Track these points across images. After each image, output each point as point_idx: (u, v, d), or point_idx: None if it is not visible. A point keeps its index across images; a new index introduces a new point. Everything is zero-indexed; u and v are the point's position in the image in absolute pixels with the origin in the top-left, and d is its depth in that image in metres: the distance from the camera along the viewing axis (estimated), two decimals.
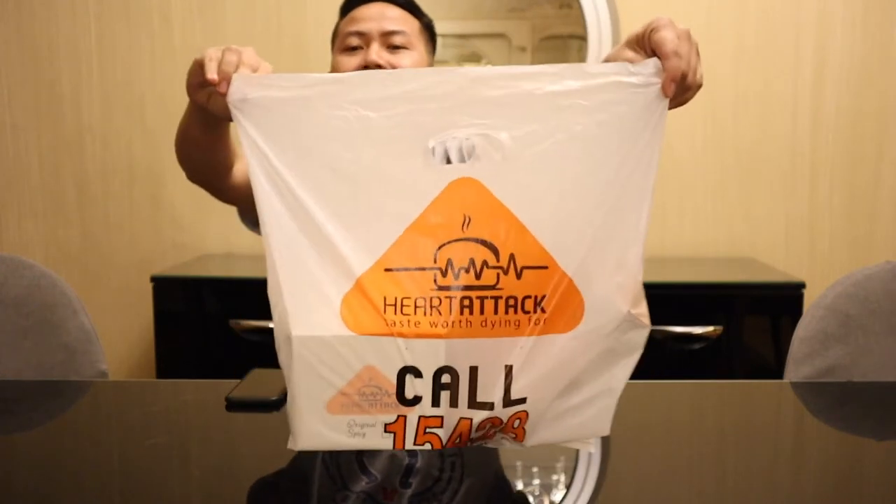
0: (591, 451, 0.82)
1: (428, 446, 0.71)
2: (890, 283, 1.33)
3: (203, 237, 2.35)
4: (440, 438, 0.71)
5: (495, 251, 0.68)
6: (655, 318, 1.63)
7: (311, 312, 0.68)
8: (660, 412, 1.06)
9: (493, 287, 0.68)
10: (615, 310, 0.71)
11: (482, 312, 0.68)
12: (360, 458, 0.84)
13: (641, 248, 0.72)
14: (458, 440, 0.71)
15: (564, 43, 2.37)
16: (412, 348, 0.68)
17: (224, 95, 0.74)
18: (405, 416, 0.70)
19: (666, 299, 1.94)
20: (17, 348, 1.26)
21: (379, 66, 1.21)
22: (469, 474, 0.83)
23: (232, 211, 2.41)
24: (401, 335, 0.68)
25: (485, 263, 0.68)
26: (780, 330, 1.98)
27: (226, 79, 0.76)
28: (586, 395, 0.74)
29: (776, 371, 1.89)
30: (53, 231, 2.34)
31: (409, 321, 0.68)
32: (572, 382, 0.73)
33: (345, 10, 1.31)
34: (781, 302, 1.97)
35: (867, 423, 1.01)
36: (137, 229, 2.34)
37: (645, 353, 1.06)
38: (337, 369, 0.69)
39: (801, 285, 1.95)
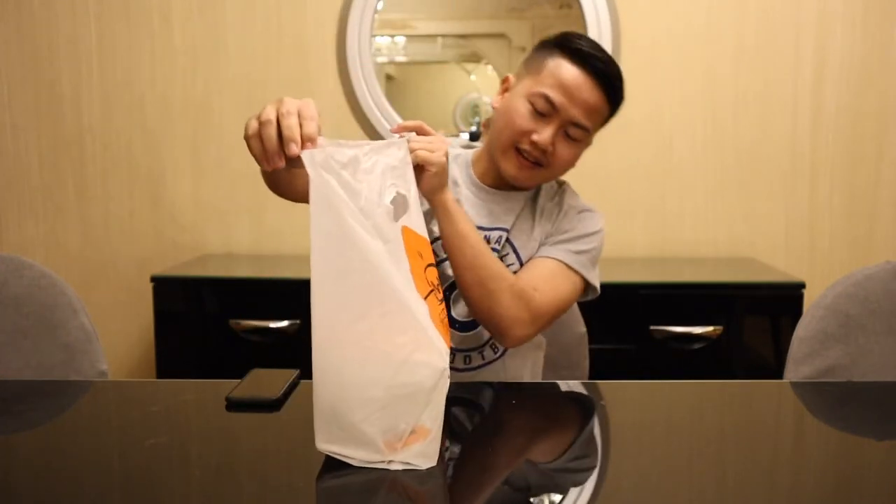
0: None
1: None
2: (890, 283, 1.33)
3: (203, 237, 2.35)
4: None
5: (436, 267, 0.95)
6: (655, 318, 1.67)
7: (439, 343, 0.81)
8: (660, 412, 1.06)
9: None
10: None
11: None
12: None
13: None
14: None
15: None
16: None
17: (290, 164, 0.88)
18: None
19: (666, 299, 1.94)
20: (17, 348, 1.26)
21: (543, 150, 1.19)
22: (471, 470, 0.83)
23: (232, 211, 2.40)
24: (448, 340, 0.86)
25: (437, 277, 0.93)
26: (780, 330, 1.98)
27: (288, 155, 0.87)
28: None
29: (776, 371, 1.89)
30: (53, 231, 2.34)
31: (445, 327, 0.88)
32: None
33: (561, 49, 1.21)
34: (781, 302, 1.97)
35: (867, 423, 1.01)
36: (137, 229, 2.34)
37: (645, 353, 1.05)
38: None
39: (801, 285, 1.95)
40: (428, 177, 1.06)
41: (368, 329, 0.80)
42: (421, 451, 0.81)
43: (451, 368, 1.09)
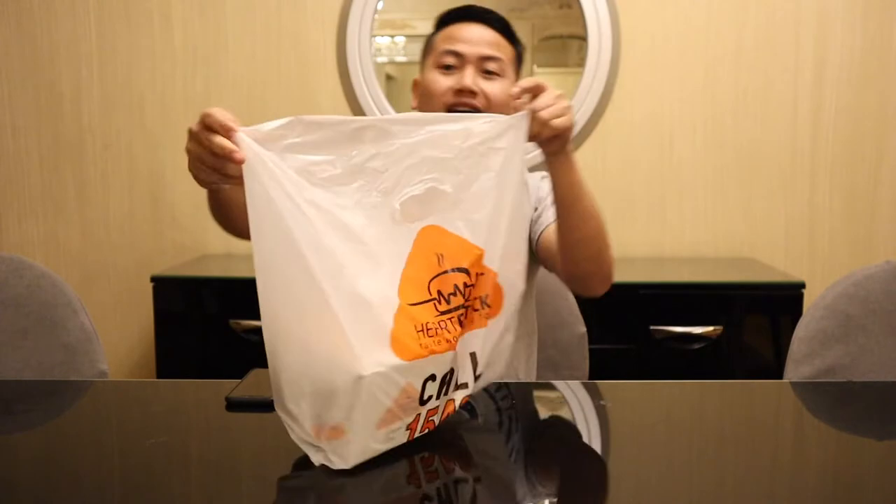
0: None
1: (427, 431, 0.87)
2: (890, 283, 1.33)
3: (203, 237, 2.35)
4: (435, 422, 0.88)
5: (468, 272, 0.87)
6: (655, 318, 1.67)
7: (370, 350, 0.78)
8: (660, 412, 1.06)
9: (472, 299, 0.89)
10: (518, 289, 0.95)
11: (469, 318, 0.89)
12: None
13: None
14: (446, 418, 0.89)
15: (564, 43, 2.37)
16: (436, 361, 0.83)
17: (241, 163, 0.77)
18: (420, 413, 0.84)
19: (666, 299, 1.94)
20: (17, 348, 1.26)
21: (472, 93, 1.22)
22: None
23: None
24: (431, 353, 0.82)
25: (465, 284, 0.87)
26: (780, 330, 1.98)
27: (230, 151, 0.77)
28: (501, 353, 0.97)
29: (776, 371, 1.89)
30: (53, 231, 2.34)
31: (433, 342, 0.83)
32: (496, 345, 0.95)
33: (441, 24, 1.31)
34: (781, 302, 1.97)
35: (867, 423, 1.01)
36: (137, 229, 2.34)
37: (645, 353, 1.05)
38: (389, 392, 0.79)
39: (801, 285, 1.95)
40: (562, 141, 1.03)
41: (296, 319, 0.77)
42: (336, 449, 0.79)
43: None
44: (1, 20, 2.27)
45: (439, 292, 0.85)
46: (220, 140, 0.78)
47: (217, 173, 0.82)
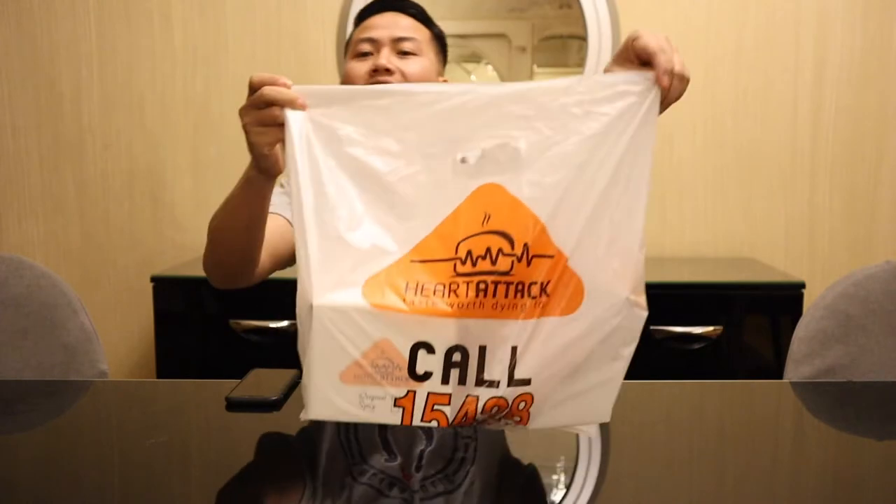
0: (590, 436, 0.85)
1: (434, 423, 0.75)
2: (890, 283, 1.33)
3: (203, 237, 2.34)
4: (447, 416, 0.75)
5: (511, 241, 0.75)
6: (655, 318, 1.65)
7: (335, 287, 0.74)
8: (660, 412, 1.06)
9: (507, 273, 0.74)
10: (614, 295, 0.76)
11: (494, 296, 0.75)
12: (384, 435, 0.89)
13: (639, 239, 0.77)
14: (464, 419, 0.76)
15: (564, 43, 2.37)
16: (426, 324, 0.74)
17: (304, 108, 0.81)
18: (415, 392, 0.75)
19: (666, 299, 1.94)
20: (17, 348, 1.26)
21: (388, 70, 1.21)
22: (480, 458, 0.83)
23: None
24: (417, 312, 0.74)
25: (500, 251, 0.75)
26: (779, 330, 1.98)
27: (293, 98, 0.81)
28: (589, 381, 0.78)
29: (776, 371, 1.89)
30: (53, 231, 2.34)
31: (426, 302, 0.74)
32: (576, 368, 0.77)
33: (358, 21, 1.33)
34: (781, 302, 1.97)
35: (867, 423, 1.01)
36: (137, 229, 2.34)
37: (645, 353, 1.06)
38: (353, 340, 0.74)
39: (801, 285, 1.95)
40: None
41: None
42: (305, 394, 0.77)
43: None
44: (1, 20, 2.27)
45: (469, 252, 0.76)
46: (279, 90, 0.82)
47: (279, 127, 0.83)
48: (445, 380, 0.75)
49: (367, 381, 0.75)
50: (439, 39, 1.35)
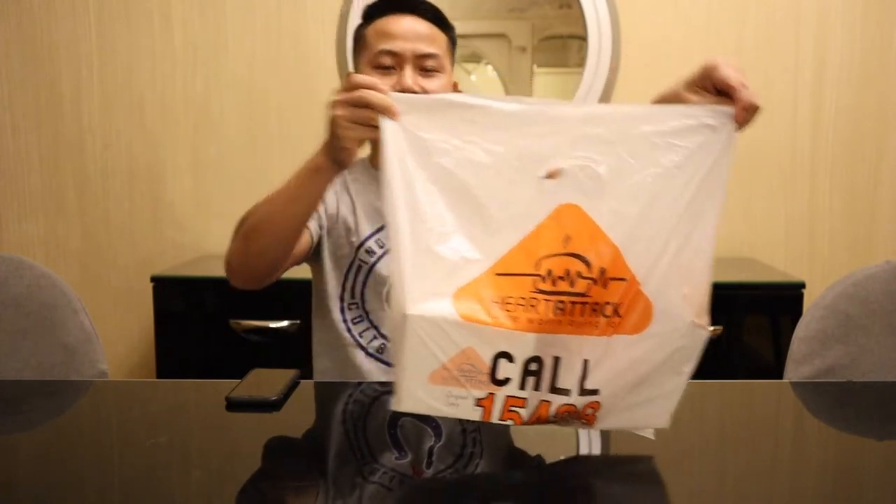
0: (651, 437, 0.88)
1: (510, 422, 0.83)
2: (890, 283, 1.33)
3: (203, 237, 2.35)
4: (521, 416, 0.83)
5: (588, 265, 0.81)
6: None
7: (427, 297, 0.79)
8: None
9: (583, 294, 0.80)
10: (680, 319, 0.82)
11: (571, 314, 0.80)
12: (394, 433, 0.91)
13: (707, 266, 0.82)
14: (536, 420, 0.83)
15: (564, 43, 2.37)
16: (507, 337, 0.80)
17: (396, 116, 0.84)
18: (494, 394, 0.81)
19: None
20: (17, 348, 1.26)
21: (414, 93, 1.19)
22: (487, 452, 0.83)
23: (232, 211, 2.40)
24: (500, 326, 0.80)
25: (578, 274, 0.80)
26: (780, 330, 1.98)
27: (390, 106, 0.84)
28: (652, 393, 0.84)
29: (776, 371, 1.89)
30: (53, 231, 2.34)
31: (508, 316, 0.80)
32: (641, 381, 0.83)
33: (370, 15, 1.28)
34: (781, 302, 1.97)
35: (867, 423, 1.01)
36: (137, 229, 2.34)
37: None
38: (442, 347, 0.80)
39: (801, 285, 1.95)
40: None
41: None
42: (395, 389, 0.83)
43: None
44: (1, 20, 2.27)
45: (549, 272, 0.81)
46: (380, 97, 0.85)
47: (369, 127, 0.87)
48: (522, 386, 0.82)
49: (453, 383, 0.81)
50: (453, 42, 1.31)
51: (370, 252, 1.27)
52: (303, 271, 2.16)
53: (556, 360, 0.82)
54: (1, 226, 2.33)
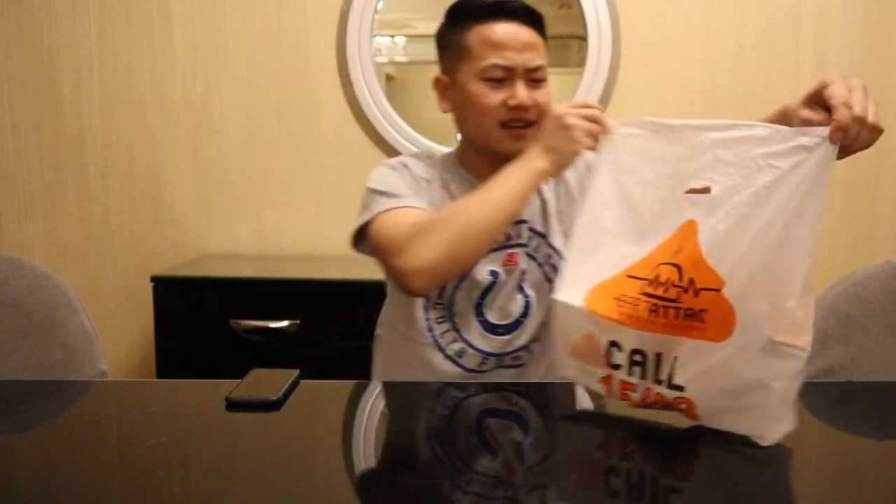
0: (764, 444, 0.89)
1: (626, 402, 0.95)
2: (890, 283, 1.33)
3: (203, 237, 2.35)
4: (633, 399, 0.94)
5: (681, 274, 0.89)
6: None
7: (571, 288, 0.97)
8: (659, 412, 1.06)
9: (674, 300, 0.89)
10: (759, 333, 0.86)
11: (665, 317, 0.89)
12: (483, 437, 0.94)
13: (800, 285, 0.86)
14: (644, 403, 0.94)
15: (564, 43, 2.37)
16: (616, 330, 0.93)
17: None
18: (611, 376, 0.95)
19: None
20: (17, 348, 1.26)
21: (526, 108, 1.19)
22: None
23: (232, 211, 2.42)
24: (610, 318, 0.92)
25: (672, 282, 0.89)
26: None
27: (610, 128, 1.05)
28: (743, 402, 0.88)
29: None
30: (53, 231, 2.34)
31: (618, 311, 0.92)
32: (730, 386, 0.88)
33: (470, 18, 1.22)
34: None
35: (867, 423, 1.01)
36: (137, 229, 2.34)
37: None
38: (575, 328, 0.97)
39: None
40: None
41: None
42: None
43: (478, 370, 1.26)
44: (1, 20, 2.27)
45: (656, 277, 0.91)
46: (609, 120, 1.05)
47: (592, 141, 1.07)
48: (630, 372, 0.93)
49: (584, 360, 0.97)
50: (546, 42, 1.28)
51: None
52: (302, 271, 2.16)
53: (658, 355, 0.91)
54: (1, 226, 2.33)
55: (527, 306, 1.27)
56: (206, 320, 2.01)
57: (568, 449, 0.94)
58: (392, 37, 2.39)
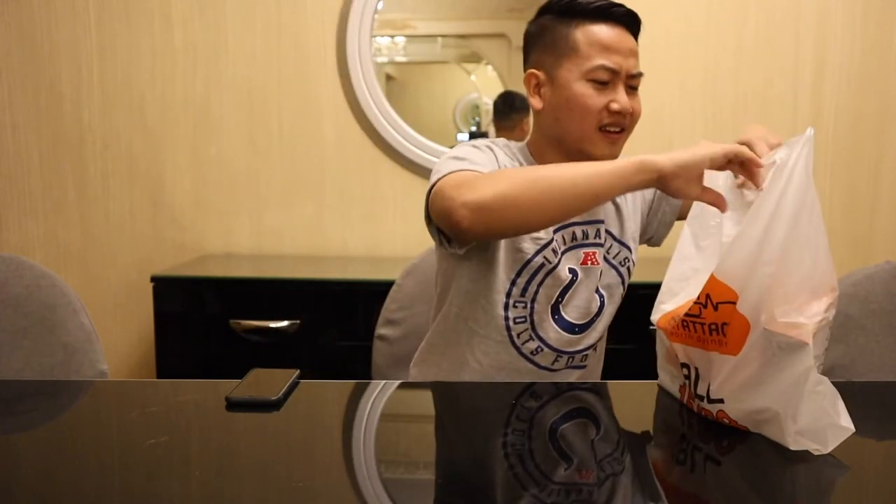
0: (816, 453, 0.88)
1: (695, 407, 1.00)
2: (890, 283, 1.33)
3: (203, 237, 2.35)
4: (693, 407, 1.00)
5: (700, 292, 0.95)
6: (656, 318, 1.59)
7: (660, 309, 1.07)
8: (660, 411, 1.06)
9: (697, 315, 0.95)
10: (771, 338, 0.88)
11: (695, 331, 0.96)
12: (557, 446, 0.93)
13: (806, 286, 0.91)
14: (700, 413, 0.99)
15: None
16: (667, 344, 1.04)
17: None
18: (685, 384, 1.02)
19: None
20: (17, 348, 1.26)
21: (625, 114, 1.19)
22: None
23: (232, 211, 2.42)
24: (665, 333, 1.03)
25: (691, 300, 0.97)
26: None
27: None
28: (769, 411, 0.90)
29: None
30: (53, 231, 2.34)
31: (668, 327, 1.02)
32: (758, 396, 0.90)
33: (575, 15, 1.20)
34: None
35: (867, 423, 1.01)
36: (137, 229, 2.34)
37: (647, 353, 1.05)
38: (660, 341, 1.08)
39: None
40: None
41: None
42: None
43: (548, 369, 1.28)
44: (1, 20, 2.27)
45: (702, 297, 0.96)
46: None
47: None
48: (689, 384, 1.00)
49: (668, 369, 1.06)
50: None
51: (555, 252, 1.22)
52: (302, 271, 2.16)
53: (696, 369, 0.97)
54: (1, 226, 2.33)
55: (601, 306, 1.28)
56: (206, 320, 2.01)
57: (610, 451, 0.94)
58: (392, 37, 2.39)
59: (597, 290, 1.27)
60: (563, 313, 1.25)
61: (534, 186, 1.03)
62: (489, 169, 1.14)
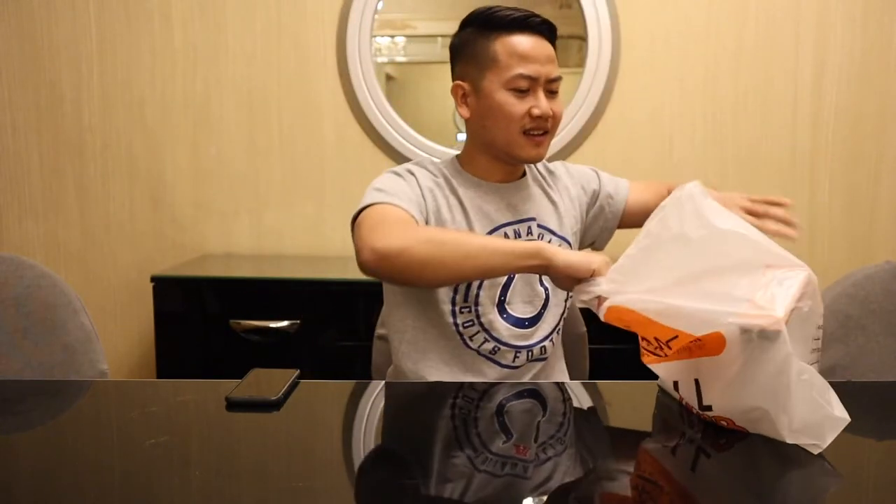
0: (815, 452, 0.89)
1: (694, 410, 0.99)
2: (890, 283, 1.34)
3: (203, 237, 2.35)
4: (695, 410, 0.98)
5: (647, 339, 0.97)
6: None
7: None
8: (661, 411, 1.06)
9: (663, 356, 0.95)
10: (737, 333, 0.88)
11: (693, 349, 0.92)
12: (501, 420, 0.97)
13: (763, 270, 0.94)
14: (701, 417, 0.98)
15: (564, 43, 2.37)
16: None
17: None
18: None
19: None
20: (17, 348, 1.26)
21: (547, 117, 1.23)
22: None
23: (232, 211, 2.42)
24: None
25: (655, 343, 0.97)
26: None
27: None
28: (759, 409, 0.90)
29: None
30: (53, 231, 2.34)
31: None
32: (743, 397, 0.91)
33: (493, 28, 1.25)
34: None
35: (867, 423, 1.01)
36: (137, 229, 2.34)
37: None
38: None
39: None
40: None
41: None
42: None
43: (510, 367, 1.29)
44: (1, 20, 2.27)
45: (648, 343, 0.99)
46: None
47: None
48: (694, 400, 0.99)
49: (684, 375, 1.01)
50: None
51: None
52: (302, 271, 2.16)
53: (675, 384, 1.00)
54: (1, 226, 2.33)
55: (546, 298, 1.30)
56: (206, 320, 2.01)
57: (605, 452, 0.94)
58: (392, 37, 2.39)
59: (541, 283, 1.30)
60: (509, 310, 1.27)
61: (439, 249, 1.10)
62: (408, 197, 1.22)
